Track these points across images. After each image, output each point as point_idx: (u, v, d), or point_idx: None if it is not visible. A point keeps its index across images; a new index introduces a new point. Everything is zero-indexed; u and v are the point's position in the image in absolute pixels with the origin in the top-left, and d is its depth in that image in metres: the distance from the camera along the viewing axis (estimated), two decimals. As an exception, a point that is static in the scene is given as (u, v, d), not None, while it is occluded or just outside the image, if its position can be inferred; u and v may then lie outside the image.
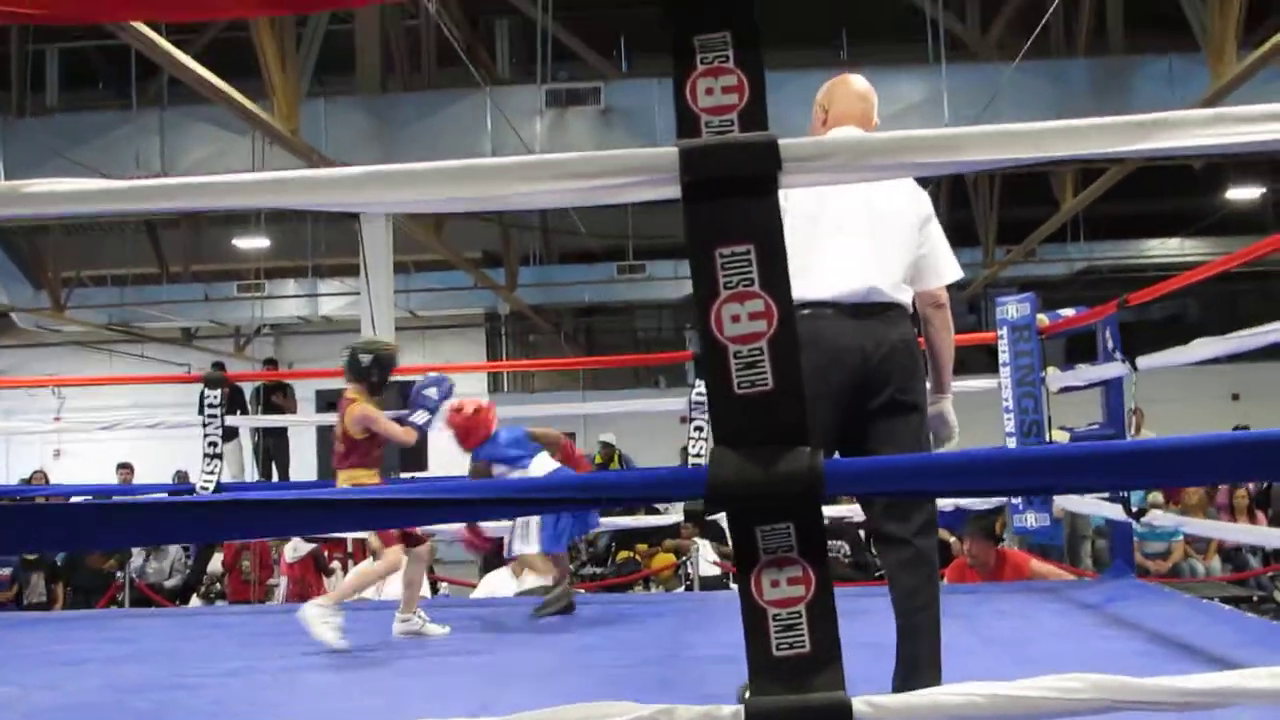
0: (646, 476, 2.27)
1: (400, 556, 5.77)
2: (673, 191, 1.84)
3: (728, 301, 1.83)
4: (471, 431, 6.47)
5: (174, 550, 12.22)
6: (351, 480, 5.70)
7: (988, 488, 3.77)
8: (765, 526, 1.83)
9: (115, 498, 9.52)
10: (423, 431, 6.05)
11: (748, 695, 1.86)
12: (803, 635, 1.85)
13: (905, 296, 3.61)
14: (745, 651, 1.87)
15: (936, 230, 3.73)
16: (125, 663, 5.36)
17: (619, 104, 13.06)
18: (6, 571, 10.92)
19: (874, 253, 3.56)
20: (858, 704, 1.81)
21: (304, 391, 15.36)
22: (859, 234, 3.56)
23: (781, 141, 1.80)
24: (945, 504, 8.11)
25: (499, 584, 8.08)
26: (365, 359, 5.85)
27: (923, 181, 4.04)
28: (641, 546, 11.85)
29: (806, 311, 3.42)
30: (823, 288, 3.49)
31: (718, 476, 1.81)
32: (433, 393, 6.05)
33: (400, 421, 5.97)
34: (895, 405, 3.50)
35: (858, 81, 3.82)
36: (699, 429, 7.65)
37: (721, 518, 7.17)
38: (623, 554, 12.02)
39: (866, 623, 3.06)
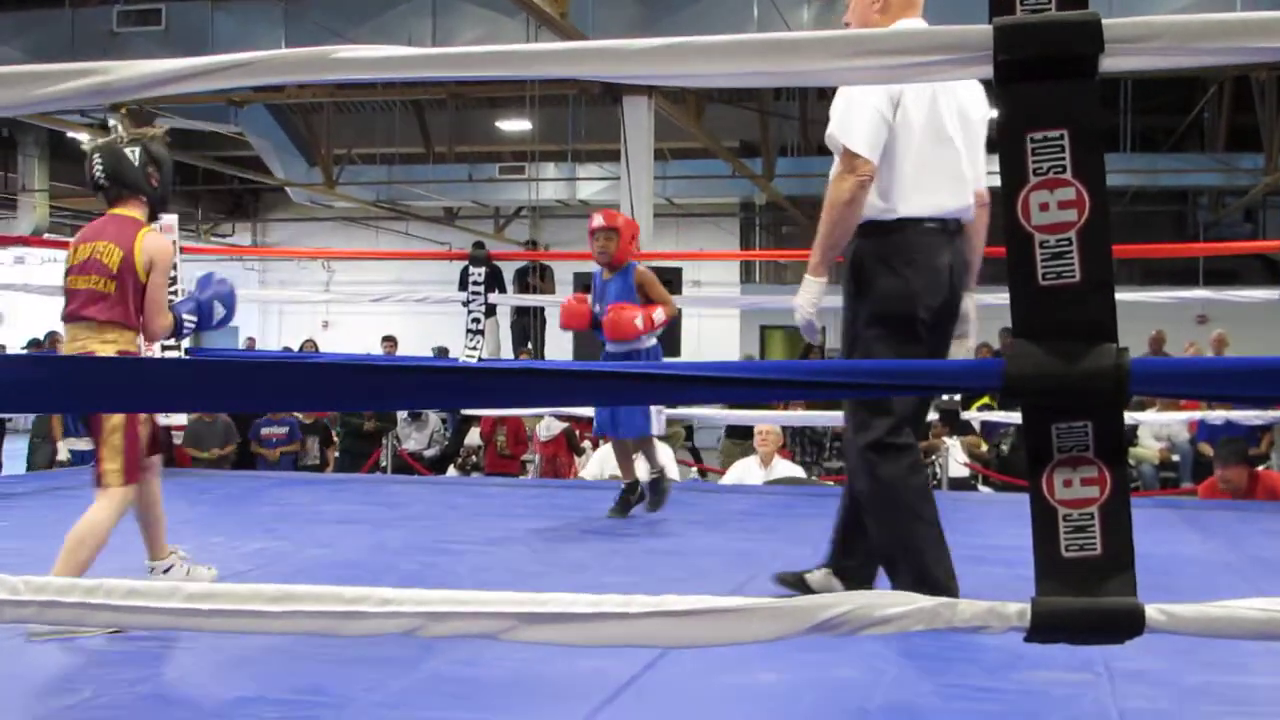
0: (944, 366, 2.21)
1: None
2: (984, 71, 1.76)
3: (1036, 189, 1.75)
4: (635, 235, 5.89)
5: (434, 422, 12.67)
6: (118, 348, 3.72)
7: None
8: (1062, 424, 1.77)
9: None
10: (179, 329, 3.92)
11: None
12: (1094, 538, 1.79)
13: None
14: (1033, 551, 1.82)
15: None
16: (391, 525, 5.59)
17: (889, -9, 12.59)
18: (283, 430, 11.53)
19: (970, 166, 3.54)
20: (1150, 611, 1.75)
21: (561, 274, 15.67)
22: (958, 146, 3.51)
23: (1105, 21, 1.71)
24: (1215, 417, 7.82)
25: (746, 472, 8.15)
26: (135, 153, 3.83)
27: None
28: (889, 444, 11.71)
29: (916, 227, 3.43)
30: (931, 205, 3.46)
31: (1017, 369, 1.75)
32: (221, 308, 4.00)
33: None
34: (952, 321, 3.57)
35: None
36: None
37: (973, 418, 7.04)
38: (870, 450, 11.88)
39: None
